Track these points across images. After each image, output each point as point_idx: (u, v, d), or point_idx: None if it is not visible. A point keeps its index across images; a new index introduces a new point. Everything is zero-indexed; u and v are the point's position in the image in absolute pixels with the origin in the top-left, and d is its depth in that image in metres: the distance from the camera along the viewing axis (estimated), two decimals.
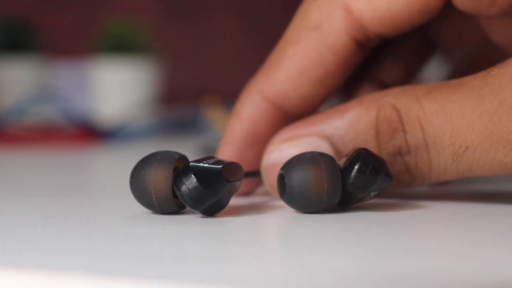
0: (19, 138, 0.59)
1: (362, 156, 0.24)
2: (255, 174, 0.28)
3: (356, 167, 0.24)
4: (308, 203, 0.25)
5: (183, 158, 0.25)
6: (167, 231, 0.22)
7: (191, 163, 0.24)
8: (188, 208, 0.24)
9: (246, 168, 0.28)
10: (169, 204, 0.25)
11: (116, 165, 0.44)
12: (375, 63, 0.32)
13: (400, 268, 0.18)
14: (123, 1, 1.56)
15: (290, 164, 0.25)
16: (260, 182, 0.29)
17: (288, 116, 0.29)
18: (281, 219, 0.25)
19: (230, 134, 0.29)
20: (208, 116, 0.70)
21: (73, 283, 0.17)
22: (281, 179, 0.25)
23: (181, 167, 0.24)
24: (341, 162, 0.25)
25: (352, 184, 0.24)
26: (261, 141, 0.29)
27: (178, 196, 0.24)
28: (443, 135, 0.25)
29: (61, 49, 1.41)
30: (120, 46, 1.03)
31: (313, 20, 0.28)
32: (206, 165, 0.24)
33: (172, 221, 0.24)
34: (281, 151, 0.27)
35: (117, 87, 1.02)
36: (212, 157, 0.25)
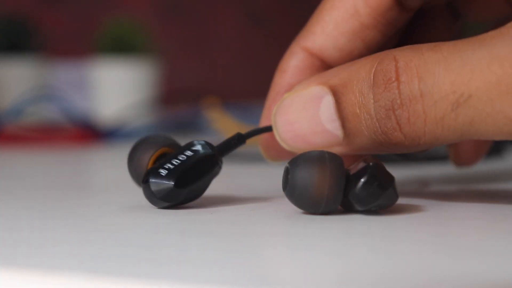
0: (19, 138, 0.59)
1: (370, 170, 0.24)
2: (269, 129, 0.28)
3: (361, 180, 0.24)
4: (306, 204, 0.24)
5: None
6: (167, 231, 0.22)
7: None
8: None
9: None
10: None
11: (115, 165, 0.44)
12: (403, 37, 0.32)
13: (400, 268, 0.18)
14: (123, 1, 1.56)
15: (297, 161, 0.24)
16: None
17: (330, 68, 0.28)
18: (281, 219, 0.25)
19: (274, 87, 0.29)
20: (208, 116, 0.70)
21: (72, 283, 0.17)
22: (286, 173, 0.25)
23: None
24: (353, 166, 0.25)
25: (354, 196, 0.24)
26: None
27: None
28: (442, 83, 0.23)
29: (61, 49, 1.41)
30: (120, 46, 1.03)
31: None
32: None
33: (172, 220, 0.24)
34: (290, 99, 0.27)
35: (116, 87, 1.02)
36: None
